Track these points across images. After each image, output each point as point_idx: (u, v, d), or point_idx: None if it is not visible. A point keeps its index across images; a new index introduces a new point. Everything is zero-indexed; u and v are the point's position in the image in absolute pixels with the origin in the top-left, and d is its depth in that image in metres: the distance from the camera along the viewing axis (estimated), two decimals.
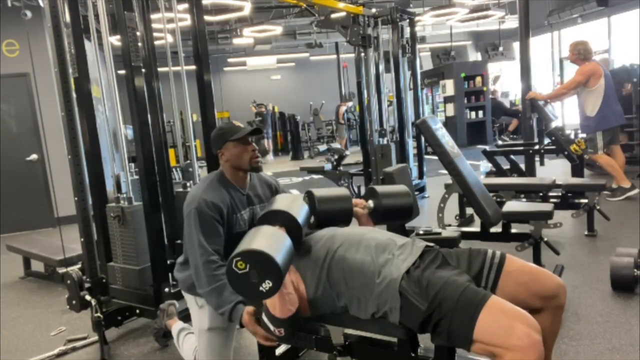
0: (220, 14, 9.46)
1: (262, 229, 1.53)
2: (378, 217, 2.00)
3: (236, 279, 1.39)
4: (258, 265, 1.37)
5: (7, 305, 3.71)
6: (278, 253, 1.40)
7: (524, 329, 1.26)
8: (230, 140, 1.99)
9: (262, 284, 1.37)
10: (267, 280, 1.37)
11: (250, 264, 1.37)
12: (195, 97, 2.98)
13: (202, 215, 1.88)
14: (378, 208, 1.98)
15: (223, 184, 2.02)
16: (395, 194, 2.03)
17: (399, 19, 5.88)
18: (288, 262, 1.45)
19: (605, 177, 4.84)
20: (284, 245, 1.46)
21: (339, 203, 1.89)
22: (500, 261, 1.56)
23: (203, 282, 1.84)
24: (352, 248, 1.61)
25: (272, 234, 1.51)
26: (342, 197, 1.91)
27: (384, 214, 1.99)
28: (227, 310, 1.77)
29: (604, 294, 2.80)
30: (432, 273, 1.48)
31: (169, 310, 2.52)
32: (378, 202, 1.98)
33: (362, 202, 2.00)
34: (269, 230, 1.52)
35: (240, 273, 1.38)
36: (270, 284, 1.37)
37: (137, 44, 2.55)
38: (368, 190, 2.07)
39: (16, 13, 5.31)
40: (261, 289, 1.38)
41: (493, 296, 1.36)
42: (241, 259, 1.38)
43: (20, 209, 6.34)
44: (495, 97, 12.30)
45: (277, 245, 1.44)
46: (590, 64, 4.90)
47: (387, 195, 2.00)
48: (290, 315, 1.52)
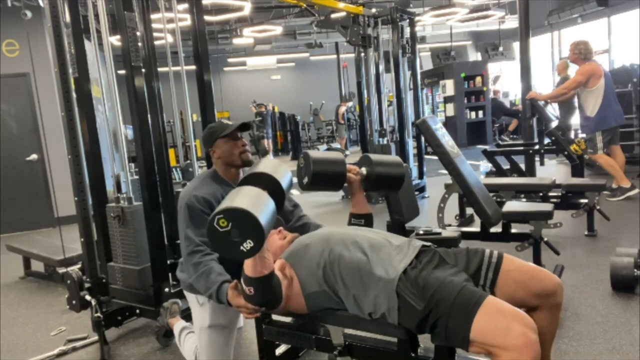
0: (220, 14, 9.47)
1: (245, 189, 1.49)
2: (370, 185, 2.00)
3: (217, 236, 1.35)
4: (240, 223, 1.33)
5: (7, 305, 3.71)
6: (260, 213, 1.35)
7: (520, 328, 1.26)
8: (219, 138, 2.05)
9: (244, 244, 1.34)
10: (249, 240, 1.34)
11: (232, 222, 1.33)
12: (195, 97, 2.98)
13: (192, 209, 1.94)
14: (370, 175, 1.98)
15: (215, 180, 2.07)
16: (388, 163, 2.04)
17: (399, 19, 5.88)
18: (270, 223, 1.41)
19: (605, 177, 4.84)
20: (267, 207, 1.42)
21: (334, 166, 1.88)
22: (498, 260, 1.56)
23: (191, 270, 1.89)
24: (349, 248, 1.61)
25: (255, 194, 1.47)
26: (337, 160, 1.90)
27: (376, 182, 1.99)
28: (213, 292, 1.78)
29: (604, 294, 2.80)
30: (428, 273, 1.48)
31: (172, 309, 2.52)
32: (371, 170, 1.98)
33: (355, 168, 2.00)
34: (251, 191, 1.48)
35: (222, 231, 1.34)
36: (251, 243, 1.34)
37: (137, 44, 2.55)
38: (362, 157, 2.07)
39: (16, 13, 5.31)
40: (242, 248, 1.34)
41: (489, 296, 1.36)
42: (223, 216, 1.33)
43: (20, 209, 6.34)
44: (497, 97, 12.31)
45: (260, 206, 1.40)
46: (590, 63, 4.91)
47: (380, 164, 2.00)
48: (260, 276, 1.48)
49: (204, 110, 2.96)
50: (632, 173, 5.67)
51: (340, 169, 1.89)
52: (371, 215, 2.06)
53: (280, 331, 1.83)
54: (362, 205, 2.04)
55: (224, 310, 2.05)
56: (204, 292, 1.84)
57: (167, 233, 2.79)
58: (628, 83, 6.33)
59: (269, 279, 1.51)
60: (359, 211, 2.04)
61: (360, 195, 2.03)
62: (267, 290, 1.53)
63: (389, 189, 2.20)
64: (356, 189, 2.01)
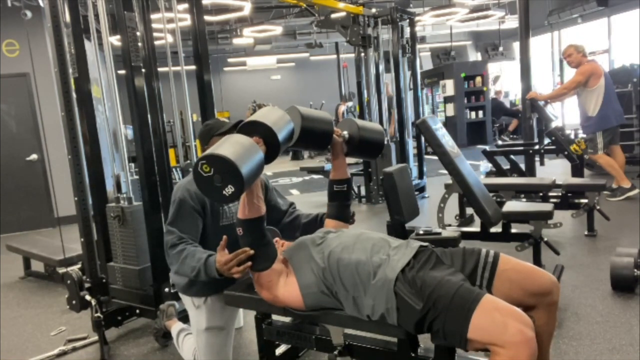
0: (220, 14, 9.46)
1: (233, 137, 1.55)
2: (351, 148, 2.02)
3: (202, 181, 1.45)
4: (221, 169, 1.42)
5: (7, 305, 3.71)
6: (243, 161, 1.43)
7: (517, 325, 1.27)
8: (215, 135, 2.04)
9: (225, 188, 1.43)
10: (230, 185, 1.43)
11: (214, 168, 1.43)
12: (195, 97, 2.98)
13: (183, 204, 1.95)
14: (353, 139, 2.00)
15: None
16: (371, 129, 2.07)
17: (399, 19, 5.88)
18: (255, 171, 1.48)
19: (605, 177, 4.84)
20: (252, 156, 1.49)
21: (322, 124, 1.89)
22: (494, 260, 1.56)
23: (175, 259, 1.88)
24: (347, 249, 1.62)
25: (243, 143, 1.51)
26: (325, 119, 1.92)
27: (358, 146, 2.01)
28: (201, 267, 1.77)
29: (604, 294, 2.80)
30: (426, 273, 1.48)
31: (168, 311, 2.52)
32: (354, 133, 2.00)
33: (339, 130, 2.00)
34: (240, 139, 1.53)
35: (205, 176, 1.44)
36: (232, 189, 1.43)
37: (137, 44, 2.55)
38: (345, 120, 2.09)
39: (16, 13, 5.31)
40: (224, 192, 1.43)
41: (487, 294, 1.37)
42: (206, 162, 1.43)
43: (20, 209, 6.34)
44: (497, 97, 12.31)
45: (244, 154, 1.46)
46: (589, 63, 4.91)
47: (363, 128, 2.02)
48: (249, 218, 1.60)
49: (204, 110, 2.96)
50: (632, 173, 5.67)
51: (328, 128, 1.90)
52: (350, 180, 2.05)
53: (280, 331, 1.83)
54: (343, 169, 2.02)
55: (220, 312, 2.05)
56: (191, 273, 1.82)
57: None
58: (628, 83, 6.33)
59: (257, 222, 1.62)
60: (340, 176, 2.02)
61: (342, 159, 2.02)
62: (255, 233, 1.64)
63: (369, 154, 2.20)
64: (338, 151, 1.99)
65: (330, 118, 1.96)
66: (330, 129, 1.90)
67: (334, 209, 2.02)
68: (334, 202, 2.03)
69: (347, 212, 2.03)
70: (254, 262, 1.65)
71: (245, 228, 1.62)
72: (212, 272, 1.74)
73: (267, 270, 1.67)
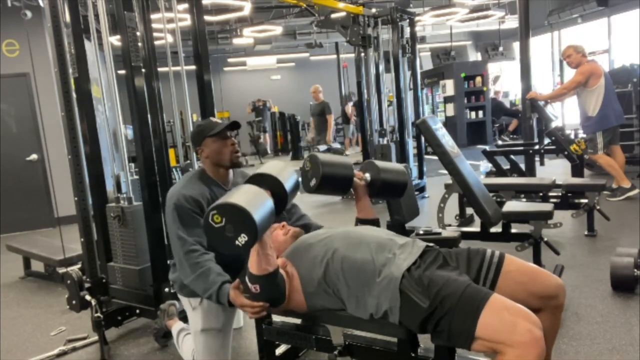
0: (220, 14, 9.46)
1: (243, 187, 1.54)
2: (374, 191, 2.02)
3: (212, 232, 1.40)
4: (233, 218, 1.37)
5: (7, 305, 3.71)
6: (255, 209, 1.39)
7: (526, 325, 1.27)
8: (208, 136, 1.99)
9: (238, 238, 1.37)
10: (243, 234, 1.37)
11: (225, 217, 1.37)
12: (195, 97, 2.98)
13: (181, 209, 1.89)
14: (375, 181, 2.00)
15: (203, 180, 2.02)
16: (393, 170, 2.06)
17: (399, 19, 5.87)
18: (266, 220, 1.44)
19: (605, 177, 4.84)
20: (263, 204, 1.45)
21: (342, 169, 1.90)
22: (499, 261, 1.56)
23: (187, 271, 1.84)
24: (352, 247, 1.61)
25: (253, 191, 1.50)
26: (344, 164, 1.93)
27: (380, 188, 2.01)
28: (213, 292, 1.75)
29: (604, 294, 2.80)
30: (433, 272, 1.48)
31: (169, 311, 2.52)
32: (375, 176, 2.00)
33: (360, 173, 2.01)
34: (250, 188, 1.51)
35: (217, 227, 1.38)
36: (245, 237, 1.37)
37: (137, 44, 2.55)
38: (366, 163, 2.08)
39: (16, 13, 5.31)
40: (237, 242, 1.38)
41: (495, 294, 1.36)
42: (217, 212, 1.38)
43: (20, 209, 6.34)
44: (497, 97, 12.31)
45: (256, 202, 1.43)
46: (589, 63, 4.90)
47: (384, 170, 2.02)
48: (265, 273, 1.50)
49: (204, 110, 2.96)
50: (632, 173, 5.67)
51: (348, 173, 1.91)
52: (378, 220, 2.04)
53: (280, 331, 1.83)
54: (367, 210, 2.03)
55: (216, 313, 2.03)
56: (203, 293, 1.79)
57: (167, 233, 2.78)
58: (628, 83, 6.33)
59: (274, 276, 1.52)
60: (365, 216, 2.03)
61: (365, 201, 2.03)
62: (272, 287, 1.54)
63: (392, 195, 2.22)
64: (361, 194, 2.01)
65: (350, 162, 1.96)
66: (351, 174, 1.92)
67: None
68: None
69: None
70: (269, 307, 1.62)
71: (262, 285, 1.52)
72: (224, 300, 1.73)
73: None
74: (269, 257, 1.50)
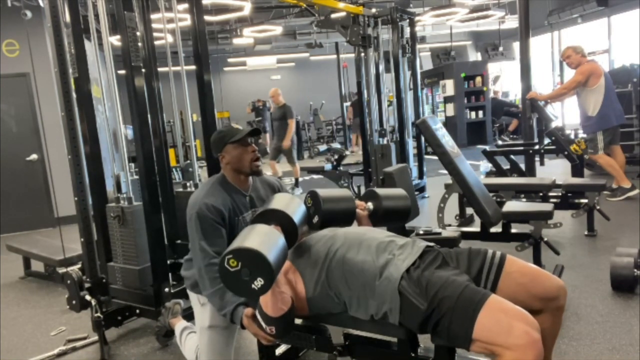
0: (220, 14, 9.46)
1: (256, 227, 1.53)
2: (377, 219, 2.03)
3: (228, 276, 1.39)
4: (249, 263, 1.37)
5: (7, 305, 3.71)
6: (270, 251, 1.39)
7: (523, 327, 1.26)
8: (229, 143, 1.99)
9: (254, 282, 1.37)
10: (259, 278, 1.37)
11: (241, 261, 1.37)
12: (195, 97, 2.98)
13: (203, 219, 1.88)
14: (378, 210, 2.01)
15: (225, 187, 2.02)
16: (395, 196, 2.07)
17: (399, 19, 5.88)
18: (281, 260, 1.45)
19: (605, 177, 4.84)
20: (277, 244, 1.46)
21: (343, 203, 1.92)
22: (500, 262, 1.55)
23: (206, 284, 1.85)
24: (353, 248, 1.61)
25: (266, 232, 1.50)
26: (345, 197, 1.94)
27: (384, 216, 2.02)
28: (228, 312, 1.77)
29: (604, 294, 2.80)
30: (431, 273, 1.48)
31: (174, 309, 2.52)
32: (378, 204, 2.01)
33: (362, 204, 2.03)
34: (262, 229, 1.52)
35: (232, 271, 1.38)
36: (262, 281, 1.37)
37: (137, 44, 2.55)
38: (368, 192, 2.09)
39: (16, 13, 5.30)
40: (253, 286, 1.38)
41: (493, 295, 1.36)
42: (233, 256, 1.38)
43: (20, 209, 6.33)
44: (496, 97, 12.31)
45: (270, 244, 1.43)
46: (589, 63, 4.90)
47: (386, 198, 2.03)
48: (281, 314, 1.51)
49: (204, 110, 2.95)
50: (632, 173, 5.66)
51: (350, 206, 1.93)
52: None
53: None
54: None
55: None
56: (218, 310, 1.82)
57: (167, 233, 2.79)
58: (628, 83, 6.32)
59: (289, 314, 1.53)
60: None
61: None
62: (288, 325, 1.56)
63: (396, 221, 2.23)
64: (364, 224, 2.02)
65: (351, 195, 1.97)
66: (352, 206, 1.93)
67: None
68: None
69: None
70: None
71: (277, 325, 1.53)
72: (237, 322, 1.75)
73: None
74: (284, 295, 1.51)
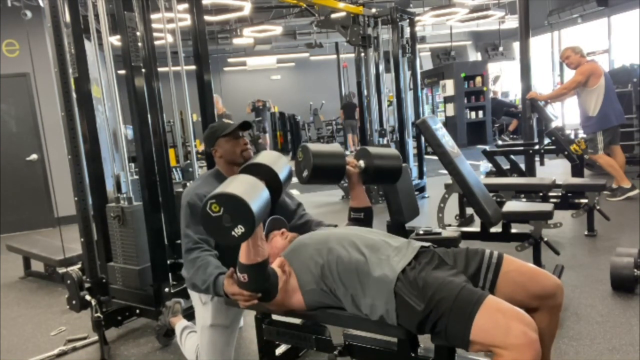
0: (220, 14, 9.47)
1: (240, 177, 1.54)
2: (368, 178, 2.01)
3: (210, 221, 1.39)
4: (231, 209, 1.37)
5: (7, 305, 3.71)
6: (253, 200, 1.39)
7: (520, 327, 1.26)
8: (221, 137, 2.06)
9: (235, 229, 1.37)
10: (240, 225, 1.37)
11: (224, 207, 1.37)
12: (195, 97, 2.98)
13: (193, 208, 1.95)
14: (369, 168, 1.99)
15: (218, 179, 2.07)
16: (386, 155, 2.06)
17: (399, 19, 5.88)
18: (263, 211, 1.44)
19: (605, 177, 4.84)
20: (261, 195, 1.46)
21: (334, 159, 1.90)
22: (498, 261, 1.55)
23: (189, 266, 1.89)
24: (347, 248, 1.61)
25: (250, 182, 1.50)
26: (337, 153, 1.92)
27: (374, 175, 2.00)
28: (210, 283, 1.78)
29: (604, 294, 2.80)
30: (428, 274, 1.47)
31: (174, 308, 2.53)
32: (369, 162, 1.99)
33: (353, 161, 2.01)
34: (247, 179, 1.52)
35: (214, 216, 1.38)
36: (242, 229, 1.37)
37: (137, 44, 2.55)
38: (360, 150, 2.08)
39: (16, 13, 5.31)
40: (233, 233, 1.38)
41: (490, 296, 1.36)
42: (215, 201, 1.38)
43: (20, 209, 6.34)
44: (495, 97, 12.31)
45: (254, 193, 1.43)
46: (589, 63, 4.91)
47: (378, 157, 2.01)
48: (254, 263, 1.51)
49: (204, 110, 2.96)
50: (632, 173, 5.67)
51: (340, 162, 1.91)
52: (371, 208, 2.05)
53: (280, 331, 1.83)
54: (361, 198, 2.04)
55: (226, 310, 2.05)
56: (202, 285, 1.83)
57: (167, 233, 2.79)
58: (628, 83, 6.33)
59: (262, 267, 1.53)
60: (358, 204, 2.04)
61: (359, 188, 2.03)
62: (260, 278, 1.55)
63: (387, 181, 2.21)
64: (355, 182, 2.01)
65: (342, 151, 1.96)
66: (343, 163, 1.91)
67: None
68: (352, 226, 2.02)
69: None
70: (260, 298, 1.62)
71: (250, 274, 1.53)
72: (220, 291, 1.75)
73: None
74: (259, 248, 1.51)
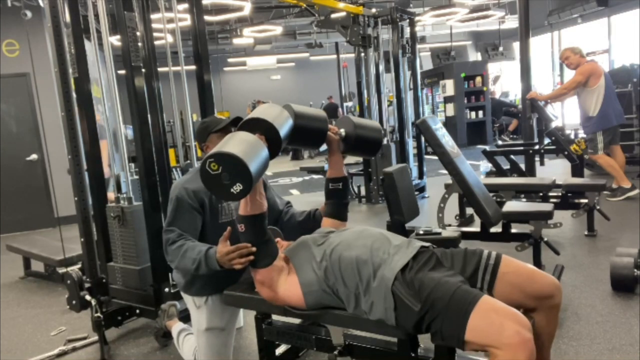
0: (220, 14, 9.47)
1: (239, 134, 1.56)
2: (348, 146, 2.00)
3: (209, 179, 1.44)
4: (230, 167, 1.42)
5: (7, 305, 3.71)
6: (251, 158, 1.43)
7: (514, 327, 1.26)
8: (213, 132, 2.04)
9: (233, 187, 1.43)
10: (238, 183, 1.43)
11: (222, 166, 1.42)
12: (195, 97, 2.98)
13: (181, 202, 1.95)
14: (349, 136, 1.98)
15: None
16: (368, 127, 2.04)
17: (399, 19, 5.88)
18: (261, 169, 1.49)
19: (605, 177, 4.84)
20: (259, 153, 1.49)
21: (316, 122, 1.88)
22: (496, 262, 1.55)
23: (175, 254, 1.88)
24: (349, 247, 1.62)
25: (249, 140, 1.52)
26: (319, 117, 1.90)
27: (355, 144, 1.99)
28: (202, 258, 1.78)
29: (604, 294, 2.80)
30: (424, 274, 1.48)
31: (169, 311, 2.52)
32: (350, 131, 1.98)
33: (335, 128, 1.98)
34: (246, 137, 1.54)
35: (213, 174, 1.43)
36: (240, 186, 1.43)
37: (137, 44, 2.55)
38: (343, 118, 2.07)
39: (16, 13, 5.31)
40: (232, 190, 1.43)
41: (485, 296, 1.36)
42: (214, 160, 1.43)
43: (20, 209, 6.34)
44: (492, 97, 12.32)
45: (252, 152, 1.47)
46: (589, 63, 4.91)
47: (360, 127, 2.00)
48: (251, 214, 1.59)
49: (204, 110, 2.96)
50: (632, 173, 5.67)
51: (322, 126, 1.89)
52: (347, 178, 2.03)
53: (280, 331, 1.83)
54: (338, 167, 2.01)
55: (220, 312, 2.05)
56: (191, 265, 1.81)
57: None
58: (628, 83, 6.32)
59: (259, 219, 1.62)
60: (336, 174, 2.00)
61: (338, 157, 2.00)
62: (257, 230, 1.64)
63: (366, 153, 2.19)
64: (334, 150, 1.98)
65: (325, 116, 1.94)
66: (324, 127, 1.89)
67: (331, 207, 2.02)
68: (330, 201, 2.02)
69: (344, 211, 2.03)
70: (255, 259, 1.66)
71: (246, 225, 1.62)
72: (212, 263, 1.75)
73: (268, 268, 1.67)
74: (257, 202, 1.58)
